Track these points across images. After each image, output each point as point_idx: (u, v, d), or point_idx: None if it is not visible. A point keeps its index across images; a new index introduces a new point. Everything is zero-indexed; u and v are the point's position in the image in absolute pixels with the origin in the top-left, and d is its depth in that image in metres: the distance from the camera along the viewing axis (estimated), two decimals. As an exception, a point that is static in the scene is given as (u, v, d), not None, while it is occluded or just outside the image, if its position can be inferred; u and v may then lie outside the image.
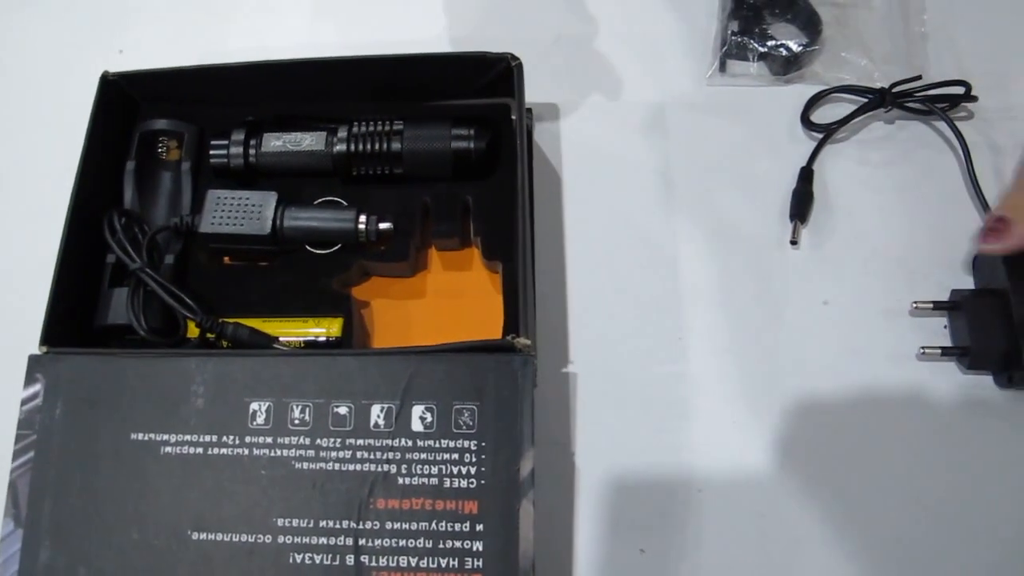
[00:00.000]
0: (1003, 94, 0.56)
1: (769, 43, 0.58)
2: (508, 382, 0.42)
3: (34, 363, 0.44)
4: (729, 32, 0.59)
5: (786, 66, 0.58)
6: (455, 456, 0.41)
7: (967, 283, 0.51)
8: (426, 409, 0.42)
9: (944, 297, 0.51)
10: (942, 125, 0.55)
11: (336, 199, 0.52)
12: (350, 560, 0.41)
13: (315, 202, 0.52)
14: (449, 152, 0.51)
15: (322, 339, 0.48)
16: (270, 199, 0.50)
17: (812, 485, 0.48)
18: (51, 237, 0.47)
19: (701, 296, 0.52)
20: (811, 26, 0.58)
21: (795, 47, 0.57)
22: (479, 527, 0.41)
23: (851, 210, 0.54)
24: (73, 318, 0.48)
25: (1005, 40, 0.58)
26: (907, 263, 0.52)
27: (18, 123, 0.61)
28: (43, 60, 0.64)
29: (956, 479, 0.47)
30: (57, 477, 0.43)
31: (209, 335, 0.48)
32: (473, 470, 0.41)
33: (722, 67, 0.59)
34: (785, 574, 0.46)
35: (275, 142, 0.52)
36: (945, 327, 0.50)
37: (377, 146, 0.51)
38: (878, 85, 0.56)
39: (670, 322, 0.52)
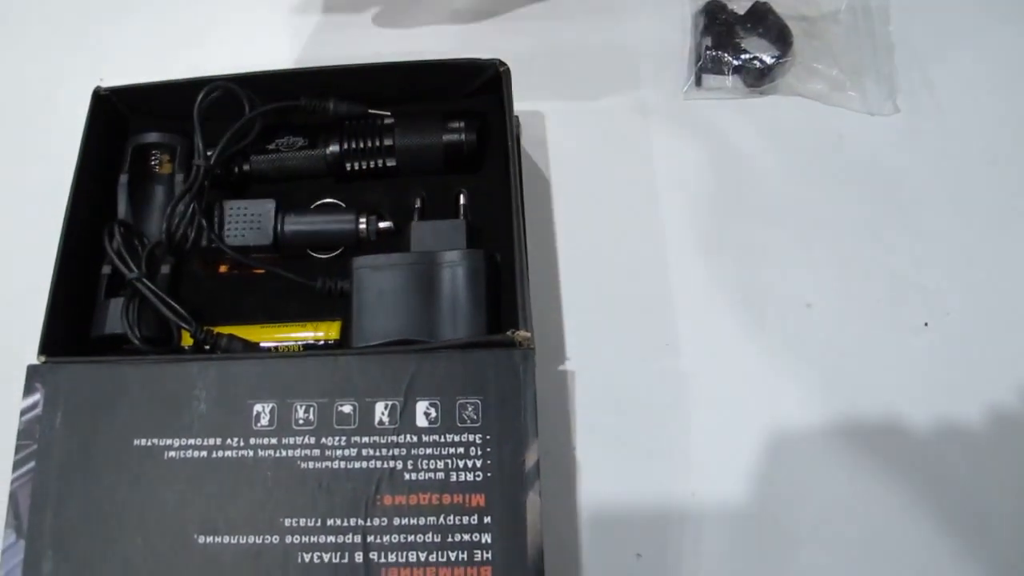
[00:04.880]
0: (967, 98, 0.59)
1: (743, 56, 0.60)
2: (510, 375, 0.43)
3: (33, 373, 0.44)
4: (704, 47, 0.61)
5: (760, 78, 0.60)
6: (460, 450, 0.42)
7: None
8: (430, 405, 0.42)
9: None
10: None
11: (334, 201, 0.53)
12: (359, 558, 0.41)
13: (312, 205, 0.53)
14: (440, 144, 0.52)
15: (321, 344, 0.48)
16: (269, 207, 0.51)
17: (804, 486, 0.48)
18: (47, 251, 0.47)
19: (690, 302, 0.53)
20: (782, 39, 0.60)
21: (768, 59, 0.59)
22: (487, 519, 0.41)
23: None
24: (70, 329, 0.48)
25: (967, 47, 0.61)
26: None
27: (9, 144, 0.62)
28: (32, 86, 0.65)
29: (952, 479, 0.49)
30: (59, 486, 0.42)
31: (204, 347, 0.48)
32: (479, 463, 0.41)
33: (698, 81, 0.60)
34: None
35: (268, 146, 0.52)
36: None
37: (370, 142, 0.52)
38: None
39: (661, 327, 0.53)
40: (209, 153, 0.50)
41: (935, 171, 0.57)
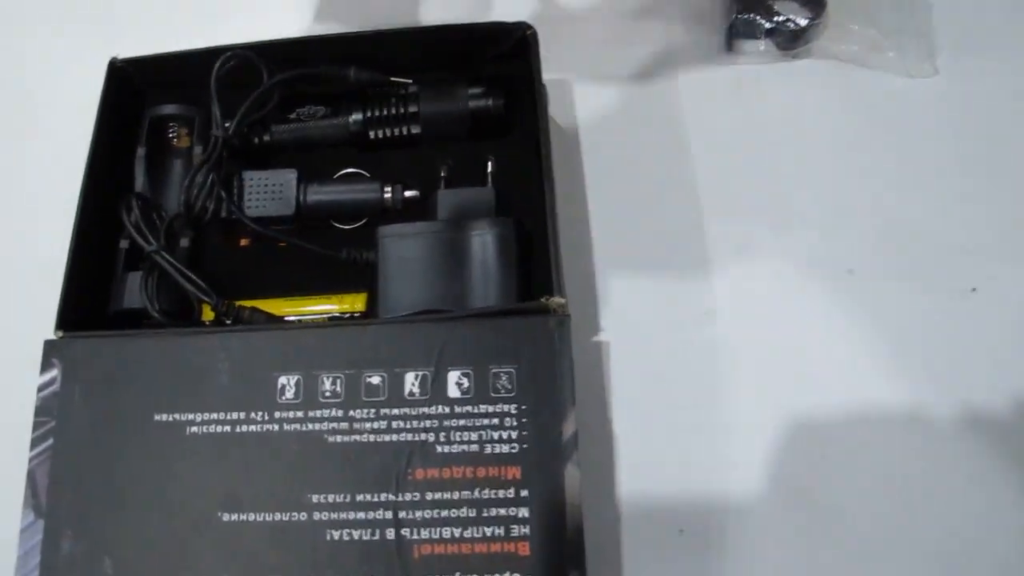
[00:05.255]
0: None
1: (775, 19, 0.58)
2: (545, 343, 0.41)
3: (50, 348, 0.43)
4: (735, 10, 0.58)
5: (793, 41, 0.58)
6: (495, 421, 0.40)
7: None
8: (462, 375, 0.41)
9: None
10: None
11: (357, 170, 0.51)
12: (390, 534, 0.39)
13: (335, 176, 0.51)
14: (467, 110, 0.51)
15: (347, 316, 0.47)
16: (290, 177, 0.49)
17: (848, 457, 0.47)
18: (63, 226, 0.46)
19: (727, 269, 0.52)
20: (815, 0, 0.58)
21: (801, 21, 0.57)
22: (523, 493, 0.39)
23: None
24: (88, 304, 0.46)
25: (1008, 5, 0.59)
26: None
27: (25, 118, 0.61)
28: (47, 59, 0.64)
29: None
30: (77, 464, 0.41)
31: (225, 320, 0.47)
32: (514, 435, 0.40)
33: (729, 45, 0.58)
34: (825, 550, 0.45)
35: (289, 116, 0.51)
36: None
37: (394, 110, 0.51)
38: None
39: (698, 295, 0.51)
40: (227, 124, 0.49)
41: (977, 133, 0.55)
